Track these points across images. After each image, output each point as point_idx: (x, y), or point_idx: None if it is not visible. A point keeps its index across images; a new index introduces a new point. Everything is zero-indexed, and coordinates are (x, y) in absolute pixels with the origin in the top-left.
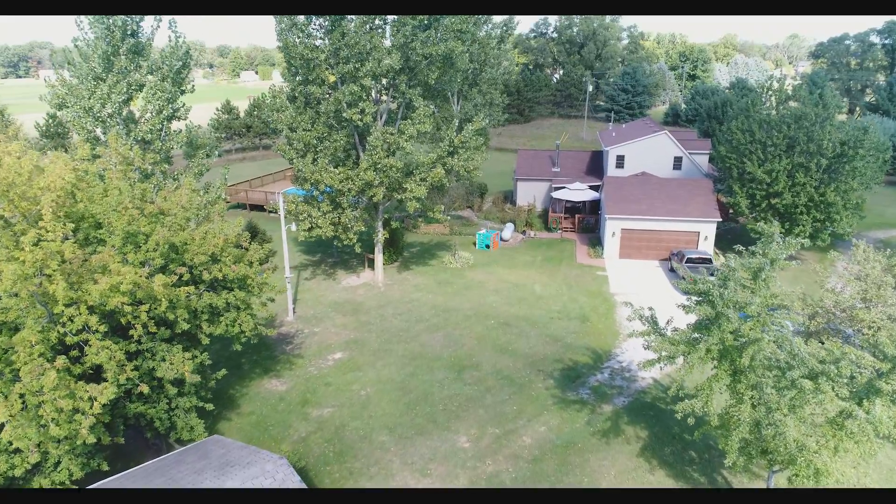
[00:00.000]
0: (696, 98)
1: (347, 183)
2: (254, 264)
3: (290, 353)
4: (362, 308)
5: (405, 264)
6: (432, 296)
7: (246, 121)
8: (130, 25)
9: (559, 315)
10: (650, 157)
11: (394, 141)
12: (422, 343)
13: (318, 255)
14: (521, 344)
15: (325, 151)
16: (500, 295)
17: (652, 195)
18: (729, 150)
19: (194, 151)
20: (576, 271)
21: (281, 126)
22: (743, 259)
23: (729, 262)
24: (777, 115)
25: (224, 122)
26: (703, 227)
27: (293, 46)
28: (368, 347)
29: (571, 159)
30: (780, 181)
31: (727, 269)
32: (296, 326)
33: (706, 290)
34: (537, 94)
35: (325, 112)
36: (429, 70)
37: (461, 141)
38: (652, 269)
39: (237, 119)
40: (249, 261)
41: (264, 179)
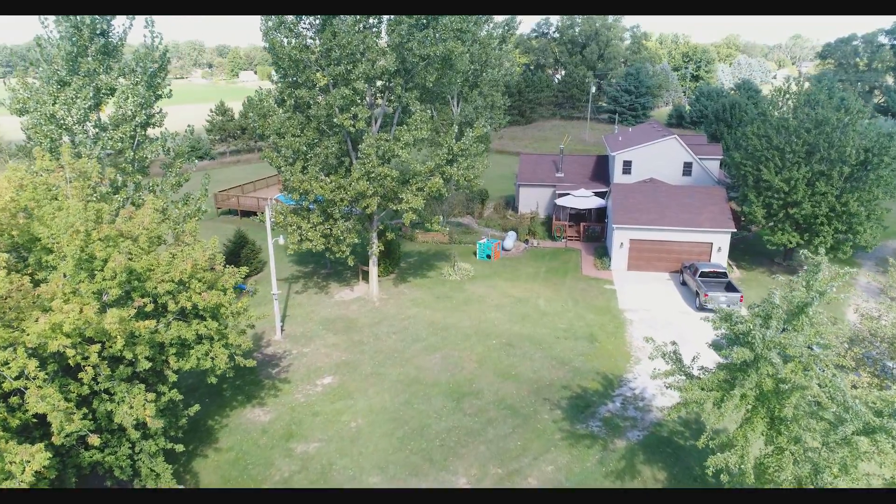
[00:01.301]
0: (701, 99)
1: (339, 192)
2: (228, 291)
3: (276, 378)
4: (355, 325)
5: (402, 276)
6: (430, 311)
7: (241, 122)
8: (100, 24)
9: (565, 334)
10: (658, 163)
11: (388, 148)
12: (418, 366)
13: (311, 265)
14: (525, 367)
15: (315, 159)
16: (502, 311)
17: (662, 203)
18: (744, 156)
19: (172, 160)
20: (582, 284)
21: (268, 132)
22: (785, 290)
23: (772, 298)
24: (795, 119)
25: (218, 123)
26: (716, 238)
27: (281, 47)
28: (360, 371)
29: (576, 164)
30: (800, 190)
31: (769, 306)
32: (283, 346)
33: (746, 331)
34: (539, 95)
35: (315, 117)
36: (426, 72)
37: (461, 148)
38: (662, 282)
39: (231, 121)
40: (223, 287)
41: (257, 184)
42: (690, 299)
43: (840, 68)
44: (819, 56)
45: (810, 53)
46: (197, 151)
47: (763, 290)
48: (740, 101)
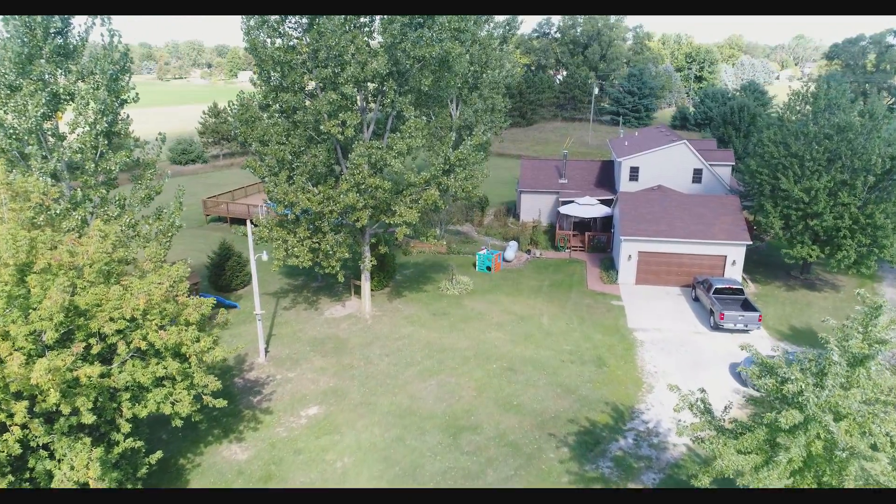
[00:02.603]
0: (706, 101)
1: (328, 204)
2: (192, 326)
3: (258, 407)
4: (345, 346)
5: (396, 290)
6: (426, 331)
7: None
8: (55, 23)
9: (571, 357)
10: (667, 169)
11: (380, 157)
12: (411, 394)
13: (301, 278)
14: (527, 397)
15: (302, 168)
16: (503, 330)
17: (672, 213)
18: (759, 163)
19: (141, 171)
20: (588, 300)
21: (251, 139)
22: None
23: (831, 353)
24: (815, 125)
25: (211, 125)
26: (730, 251)
27: (263, 47)
28: (349, 400)
29: (579, 170)
30: (821, 200)
31: (826, 361)
32: (267, 371)
33: (797, 392)
34: (540, 97)
35: (302, 123)
36: (422, 75)
37: (458, 158)
38: (673, 297)
39: (225, 123)
40: (187, 320)
41: (248, 189)
42: (704, 317)
43: (847, 69)
44: (826, 57)
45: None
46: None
47: (780, 307)
48: (749, 103)
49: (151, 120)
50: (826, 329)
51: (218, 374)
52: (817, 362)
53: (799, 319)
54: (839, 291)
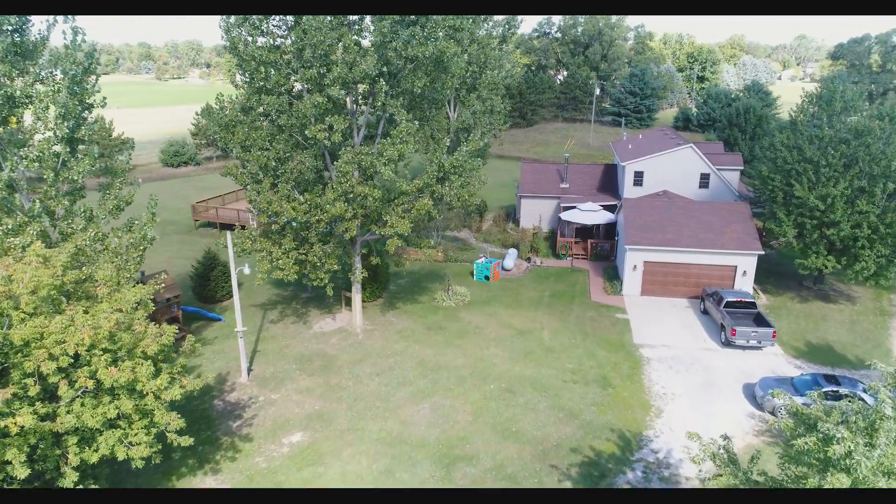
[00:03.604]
0: (709, 102)
1: (316, 213)
2: (148, 361)
3: (237, 433)
4: (334, 364)
5: (390, 301)
6: (419, 347)
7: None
8: (8, 20)
9: (574, 377)
10: (673, 174)
11: (369, 164)
12: (403, 419)
13: (290, 288)
14: (527, 422)
15: (287, 175)
16: (502, 346)
17: (679, 221)
18: (772, 169)
19: (110, 180)
20: (591, 313)
21: (231, 145)
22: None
23: (882, 406)
24: (831, 129)
25: (204, 127)
26: (741, 261)
27: (244, 46)
28: (336, 425)
29: (581, 174)
30: (838, 209)
31: (876, 415)
32: (249, 391)
33: (846, 454)
34: (540, 97)
35: (287, 127)
36: (414, 76)
37: (453, 165)
38: (681, 310)
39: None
40: (144, 352)
41: (239, 194)
42: (714, 332)
43: (853, 69)
44: (831, 56)
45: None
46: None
47: (794, 321)
48: (754, 104)
49: (147, 120)
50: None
51: (196, 397)
52: (864, 415)
53: (815, 334)
54: (855, 303)
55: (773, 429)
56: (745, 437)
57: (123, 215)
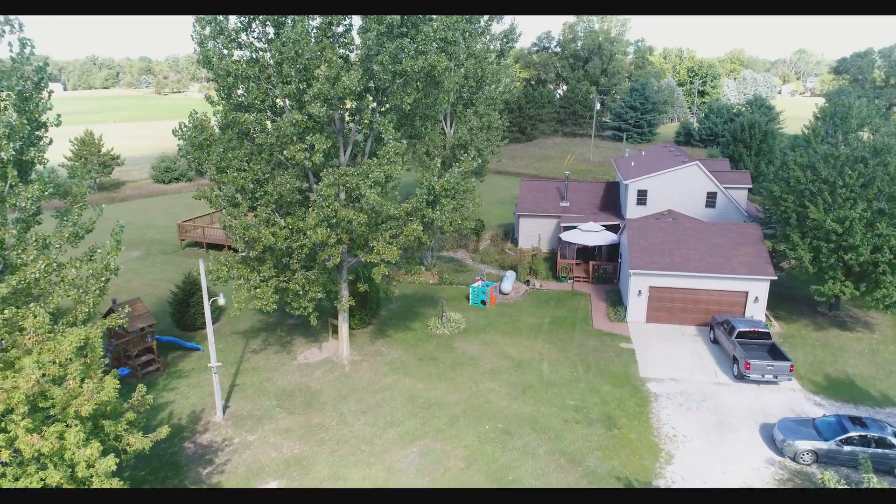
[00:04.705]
0: (711, 116)
1: (298, 238)
2: (76, 428)
3: (206, 482)
4: (317, 400)
5: (380, 328)
6: (410, 380)
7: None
8: None
9: (576, 416)
10: (678, 193)
11: (354, 186)
12: (389, 466)
13: (275, 315)
14: (526, 469)
15: (267, 198)
16: (499, 379)
17: (686, 244)
18: (784, 189)
19: (68, 205)
20: (593, 342)
21: (205, 167)
22: None
23: None
24: (847, 147)
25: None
26: (752, 287)
27: (219, 59)
28: (315, 473)
29: (582, 192)
30: (857, 232)
31: None
32: (224, 432)
33: None
34: (540, 112)
35: (266, 146)
36: (403, 92)
37: (444, 188)
38: (689, 339)
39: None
40: (77, 413)
41: None
42: (725, 364)
43: (856, 83)
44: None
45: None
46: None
47: (811, 351)
48: (759, 119)
49: (143, 135)
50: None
51: (165, 439)
52: None
53: (833, 367)
54: (874, 331)
55: (795, 478)
56: (766, 487)
57: (85, 243)
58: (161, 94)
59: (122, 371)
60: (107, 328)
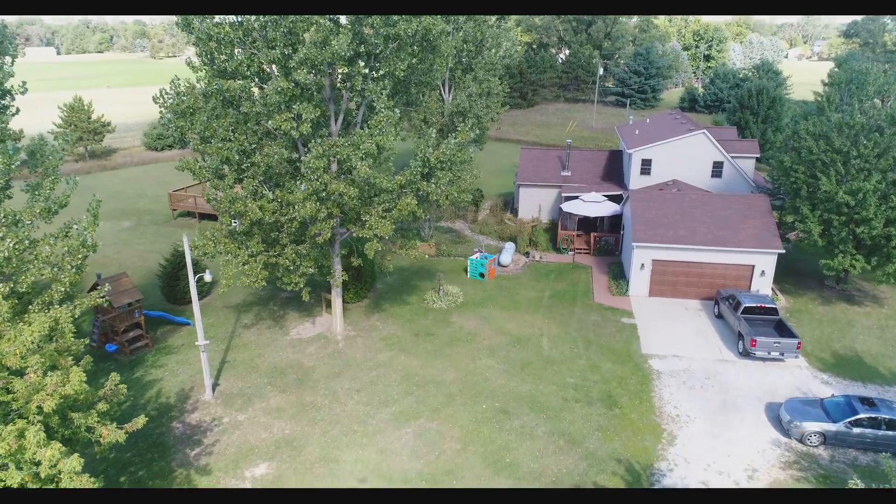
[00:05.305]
0: (716, 82)
1: (287, 212)
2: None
3: (194, 464)
4: (310, 378)
5: (376, 302)
6: (405, 357)
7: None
8: None
9: (576, 394)
10: (683, 162)
11: (345, 157)
12: (382, 447)
13: (268, 288)
14: (523, 451)
15: (254, 169)
16: (497, 356)
17: (692, 216)
18: (795, 160)
19: (39, 179)
20: (594, 316)
21: (189, 136)
22: None
23: None
24: (863, 115)
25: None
26: (759, 260)
27: (199, 23)
28: (306, 455)
29: (584, 161)
30: (870, 204)
31: None
32: (213, 411)
33: None
34: (541, 77)
35: (251, 115)
36: (396, 58)
37: (439, 160)
38: (693, 313)
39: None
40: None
41: None
42: (729, 339)
43: (865, 47)
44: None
45: (823, 32)
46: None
47: (818, 327)
48: (767, 85)
49: (137, 100)
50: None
51: (153, 419)
52: None
53: (841, 343)
54: (883, 306)
55: (801, 460)
56: (771, 471)
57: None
58: (156, 59)
59: (109, 347)
60: (93, 304)
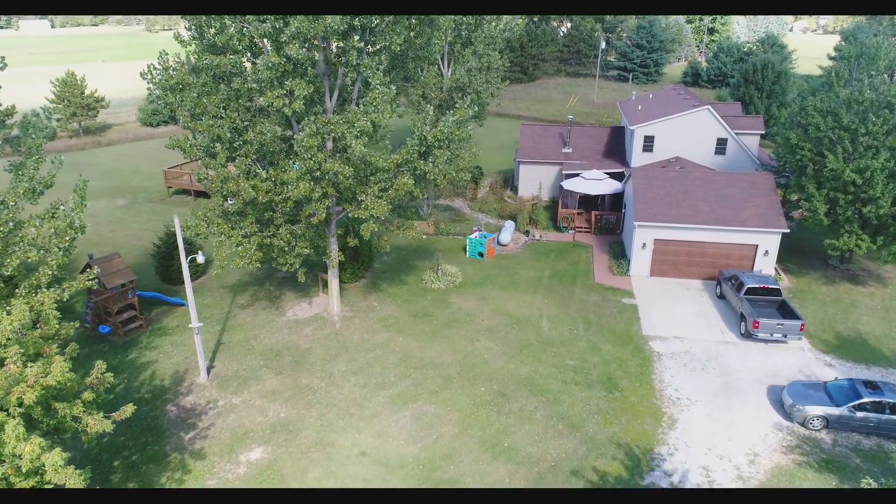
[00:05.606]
0: (720, 56)
1: (281, 191)
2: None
3: (189, 448)
4: (306, 360)
5: (373, 282)
6: (403, 338)
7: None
8: None
9: (576, 377)
10: (686, 139)
11: (340, 135)
12: (380, 431)
13: (264, 267)
14: (522, 434)
15: (247, 147)
16: (495, 337)
17: (694, 194)
18: (801, 137)
19: (23, 158)
20: (595, 296)
21: (179, 113)
22: None
23: None
24: (873, 91)
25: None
26: (762, 240)
27: None
28: (302, 439)
29: (586, 137)
30: (878, 183)
31: None
32: (208, 394)
33: None
34: (542, 51)
35: (243, 91)
36: (392, 31)
37: (437, 137)
38: (695, 293)
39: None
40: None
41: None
42: (732, 321)
43: (873, 20)
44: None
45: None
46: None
47: (821, 307)
48: (772, 59)
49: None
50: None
51: (147, 401)
52: None
53: (845, 324)
54: (887, 286)
55: (804, 444)
56: (773, 456)
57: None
58: (152, 31)
59: (102, 329)
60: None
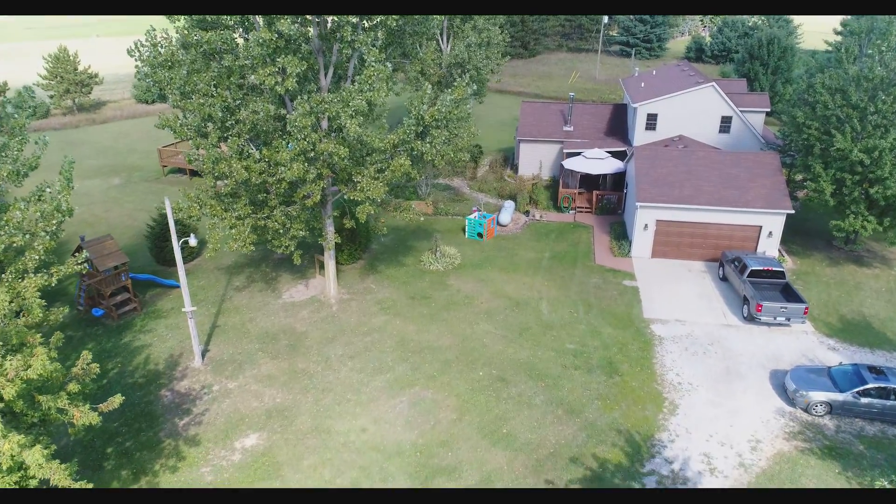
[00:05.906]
0: (724, 31)
1: (274, 173)
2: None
3: (183, 434)
4: (302, 343)
5: (371, 264)
6: (401, 321)
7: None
8: None
9: (575, 361)
10: (690, 117)
11: (334, 114)
12: (377, 416)
13: (261, 249)
14: (521, 420)
15: (240, 126)
16: (494, 320)
17: (698, 174)
18: (808, 115)
19: (6, 139)
20: (595, 278)
21: (168, 91)
22: None
23: None
24: (884, 68)
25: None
26: (767, 221)
27: None
28: (297, 425)
29: (587, 115)
30: (886, 164)
31: None
32: (203, 378)
33: None
34: (543, 25)
35: (234, 69)
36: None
37: (434, 117)
38: (697, 275)
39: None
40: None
41: None
42: (734, 303)
43: None
44: None
45: None
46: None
47: (825, 290)
48: (778, 34)
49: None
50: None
51: (140, 386)
52: None
53: (849, 307)
54: (892, 267)
55: (807, 430)
56: (775, 442)
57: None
58: None
59: (96, 312)
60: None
